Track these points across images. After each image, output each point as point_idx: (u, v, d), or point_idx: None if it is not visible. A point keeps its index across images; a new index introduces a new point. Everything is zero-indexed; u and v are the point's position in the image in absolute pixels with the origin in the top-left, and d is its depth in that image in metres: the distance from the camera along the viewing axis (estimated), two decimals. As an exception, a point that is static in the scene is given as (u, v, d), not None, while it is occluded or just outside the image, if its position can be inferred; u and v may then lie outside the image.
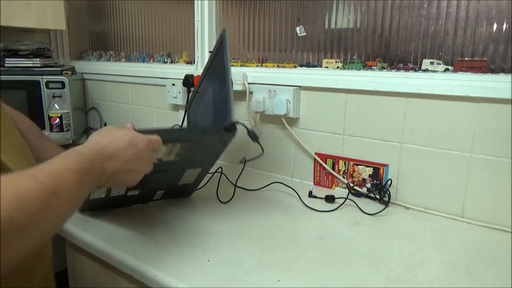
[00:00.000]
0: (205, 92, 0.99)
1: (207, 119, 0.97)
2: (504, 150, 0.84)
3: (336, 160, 1.07)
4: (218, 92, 0.90)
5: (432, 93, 0.90)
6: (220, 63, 0.88)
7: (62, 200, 0.47)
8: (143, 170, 0.64)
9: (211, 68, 0.97)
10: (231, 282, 0.62)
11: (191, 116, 1.10)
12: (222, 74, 0.87)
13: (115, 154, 0.59)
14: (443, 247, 0.76)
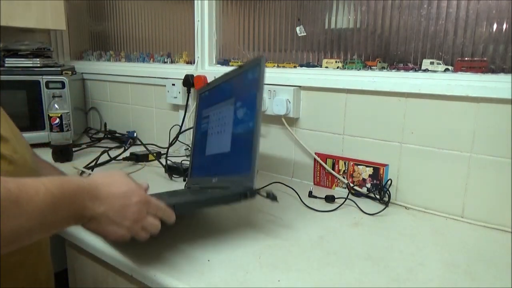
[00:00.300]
0: (222, 111, 0.91)
1: (217, 146, 0.90)
2: (504, 150, 0.84)
3: (336, 160, 1.07)
4: (240, 126, 0.82)
5: (432, 93, 0.90)
6: (249, 92, 0.81)
7: (23, 212, 0.45)
8: (126, 226, 0.58)
9: (236, 87, 0.87)
10: (231, 282, 0.62)
11: (198, 132, 1.01)
12: (249, 108, 0.80)
13: (104, 197, 0.56)
14: (443, 247, 0.76)
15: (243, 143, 0.80)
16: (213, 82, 0.99)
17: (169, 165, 1.16)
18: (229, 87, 0.90)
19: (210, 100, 0.98)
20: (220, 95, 0.93)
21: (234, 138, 0.83)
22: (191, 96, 1.38)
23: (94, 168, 1.19)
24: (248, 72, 0.82)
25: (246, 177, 0.76)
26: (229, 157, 0.84)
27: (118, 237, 0.58)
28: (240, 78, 0.85)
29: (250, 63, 0.82)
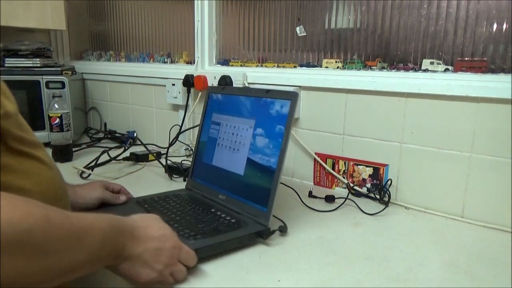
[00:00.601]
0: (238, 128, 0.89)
1: (227, 162, 0.89)
2: (504, 150, 0.84)
3: (336, 160, 1.07)
4: (259, 156, 0.81)
5: (432, 93, 0.90)
6: (273, 124, 0.80)
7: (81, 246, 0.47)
8: (158, 270, 0.58)
9: (259, 110, 0.85)
10: (231, 282, 0.62)
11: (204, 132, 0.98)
12: (271, 142, 0.80)
13: (142, 239, 0.57)
14: (443, 247, 0.76)
15: (260, 175, 0.80)
16: (231, 89, 0.98)
17: (169, 165, 1.16)
18: (250, 105, 0.87)
19: (225, 107, 0.94)
20: (238, 108, 0.90)
21: (250, 165, 0.83)
22: (191, 96, 1.38)
23: (94, 168, 1.19)
24: (277, 101, 0.81)
25: (261, 214, 0.77)
26: (242, 182, 0.84)
27: (148, 280, 0.58)
28: (266, 103, 0.83)
29: (282, 94, 0.80)
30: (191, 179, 1.00)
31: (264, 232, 0.74)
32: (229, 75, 1.24)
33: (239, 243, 0.72)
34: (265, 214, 0.77)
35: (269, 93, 0.83)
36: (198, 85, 1.31)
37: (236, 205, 0.84)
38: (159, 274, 0.58)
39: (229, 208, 0.84)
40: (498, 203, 0.86)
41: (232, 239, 0.71)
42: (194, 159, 1.00)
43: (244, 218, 0.79)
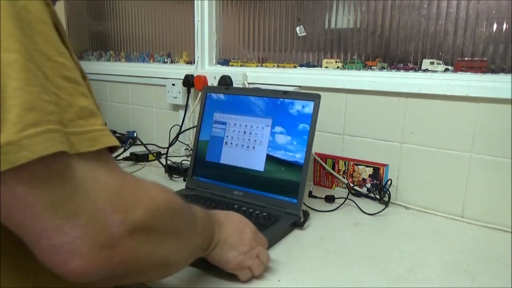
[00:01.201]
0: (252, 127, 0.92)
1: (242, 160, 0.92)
2: (504, 150, 0.84)
3: (336, 160, 1.07)
4: (281, 153, 0.87)
5: (432, 93, 0.90)
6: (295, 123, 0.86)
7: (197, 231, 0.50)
8: (243, 252, 0.60)
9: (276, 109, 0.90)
10: (231, 282, 0.62)
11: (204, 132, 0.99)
12: (295, 139, 0.86)
13: (225, 224, 0.60)
14: (443, 247, 0.76)
15: (285, 170, 0.87)
16: (235, 90, 0.99)
17: (169, 165, 1.17)
18: (264, 105, 0.91)
19: (230, 106, 0.96)
20: (248, 107, 0.93)
21: (272, 161, 0.89)
22: (191, 96, 1.38)
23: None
24: (297, 102, 0.87)
25: (291, 205, 0.84)
26: (263, 177, 0.89)
27: (237, 263, 0.59)
28: (284, 103, 0.89)
29: (303, 95, 0.87)
30: (192, 179, 1.00)
31: (298, 221, 0.81)
32: (229, 75, 1.24)
33: (283, 235, 0.77)
34: (296, 205, 0.84)
35: (287, 94, 0.89)
36: (198, 85, 1.31)
37: (258, 200, 0.88)
38: (245, 257, 0.60)
39: (251, 203, 0.88)
40: (498, 203, 0.86)
41: (280, 231, 0.76)
42: (194, 158, 1.00)
43: (271, 211, 0.84)
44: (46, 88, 0.33)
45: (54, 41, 0.35)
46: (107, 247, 0.34)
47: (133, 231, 0.36)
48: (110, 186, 0.36)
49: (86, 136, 0.35)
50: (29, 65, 0.31)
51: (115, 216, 0.35)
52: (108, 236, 0.34)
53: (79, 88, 0.36)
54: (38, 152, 0.30)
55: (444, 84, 0.89)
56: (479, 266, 0.69)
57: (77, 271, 0.33)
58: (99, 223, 0.34)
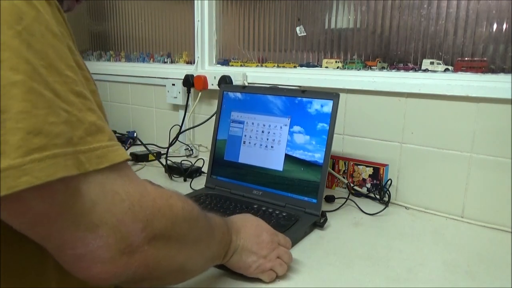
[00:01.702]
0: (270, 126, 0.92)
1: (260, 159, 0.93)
2: (504, 150, 0.84)
3: (336, 160, 1.07)
4: (300, 153, 0.87)
5: (432, 93, 0.90)
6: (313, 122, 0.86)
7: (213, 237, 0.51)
8: (263, 255, 0.60)
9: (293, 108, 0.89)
10: (231, 282, 0.62)
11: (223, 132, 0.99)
12: (313, 138, 0.86)
13: (242, 230, 0.60)
14: (443, 247, 0.76)
15: (304, 170, 0.87)
16: (252, 88, 0.99)
17: (169, 165, 1.17)
18: (282, 104, 0.91)
19: (247, 105, 0.96)
20: (266, 107, 0.94)
21: (290, 161, 0.89)
22: (191, 96, 1.38)
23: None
24: (315, 101, 0.87)
25: (311, 205, 0.85)
26: (282, 177, 0.90)
27: (257, 267, 0.60)
28: (301, 102, 0.88)
29: (322, 94, 0.86)
30: (212, 178, 1.00)
31: (318, 221, 0.81)
32: (229, 75, 1.24)
33: (304, 235, 0.78)
34: (316, 205, 0.84)
35: (305, 93, 0.88)
36: (198, 85, 1.31)
37: (277, 199, 0.88)
38: (265, 260, 0.60)
39: (270, 202, 0.88)
40: (498, 203, 0.86)
41: (301, 231, 0.77)
42: (213, 158, 1.00)
43: (291, 210, 0.84)
44: (54, 107, 0.32)
45: (64, 55, 0.35)
46: (128, 254, 0.36)
47: (153, 238, 0.38)
48: (130, 197, 0.37)
49: (94, 154, 0.35)
50: (35, 86, 0.30)
51: (136, 225, 0.36)
52: (129, 244, 0.36)
53: (87, 103, 0.36)
54: (42, 178, 0.30)
55: (444, 84, 0.89)
56: (479, 266, 0.69)
57: (99, 277, 0.35)
58: (120, 233, 0.35)
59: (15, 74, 0.29)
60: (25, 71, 0.30)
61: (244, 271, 0.60)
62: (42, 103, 0.30)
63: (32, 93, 0.30)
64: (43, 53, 0.32)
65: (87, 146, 0.34)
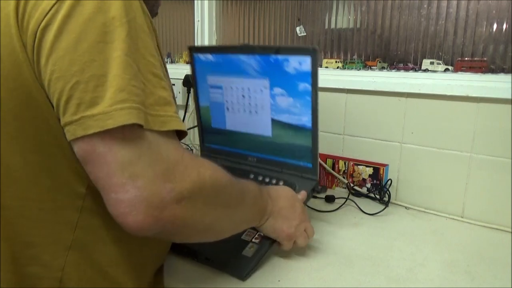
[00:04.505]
0: (249, 90, 0.85)
1: (248, 125, 0.88)
2: (504, 150, 0.84)
3: (336, 160, 1.07)
4: (287, 116, 0.81)
5: (432, 93, 0.90)
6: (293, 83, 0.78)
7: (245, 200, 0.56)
8: (295, 225, 0.66)
9: (269, 69, 0.81)
10: (231, 282, 0.62)
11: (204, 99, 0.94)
12: (298, 101, 0.78)
13: (278, 198, 0.65)
14: (443, 247, 0.76)
15: (293, 135, 0.81)
16: (221, 49, 0.90)
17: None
18: (257, 64, 0.82)
19: (221, 68, 0.88)
20: (240, 68, 0.84)
21: (278, 125, 0.83)
22: (191, 96, 1.38)
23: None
24: (292, 58, 0.76)
25: (307, 170, 0.81)
26: (272, 143, 0.85)
27: (289, 233, 0.65)
28: (277, 61, 0.78)
29: (297, 50, 0.76)
30: (205, 146, 0.98)
31: (316, 187, 0.80)
32: (229, 75, 1.23)
33: (306, 202, 0.76)
34: (312, 169, 0.80)
35: (280, 50, 0.78)
36: (198, 85, 1.31)
37: (273, 165, 0.85)
38: (295, 229, 0.66)
39: (266, 168, 0.86)
40: (498, 203, 0.86)
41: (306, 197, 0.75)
42: (201, 126, 0.97)
43: (288, 177, 0.82)
44: (137, 77, 0.42)
45: (149, 46, 0.45)
46: (158, 209, 0.40)
47: (181, 199, 0.42)
48: (168, 160, 0.42)
49: (160, 119, 0.43)
50: (127, 59, 0.41)
51: (167, 185, 0.41)
52: (160, 200, 0.41)
53: (161, 83, 0.45)
54: (120, 122, 0.39)
55: (444, 84, 0.89)
56: (479, 266, 0.69)
57: (133, 225, 0.40)
58: (154, 188, 0.40)
59: (116, 51, 0.41)
60: (123, 49, 0.41)
61: (276, 234, 0.65)
62: (129, 71, 0.41)
63: (124, 63, 0.41)
64: (135, 41, 0.43)
65: (155, 112, 0.43)
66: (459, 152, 0.90)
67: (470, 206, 0.89)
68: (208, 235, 0.52)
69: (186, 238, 0.51)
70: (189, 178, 0.43)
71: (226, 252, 0.67)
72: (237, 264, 0.65)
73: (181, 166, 0.43)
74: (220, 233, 0.54)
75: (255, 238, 0.69)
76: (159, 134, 0.43)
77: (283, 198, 0.66)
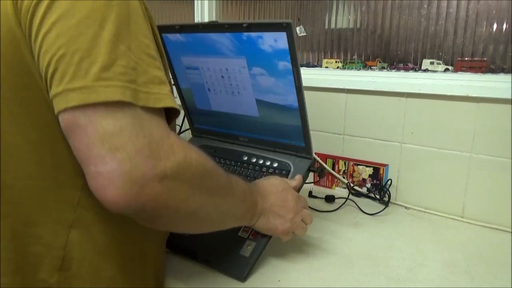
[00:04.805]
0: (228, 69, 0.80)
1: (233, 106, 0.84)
2: (504, 150, 0.84)
3: (336, 160, 1.07)
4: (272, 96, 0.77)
5: (432, 93, 0.90)
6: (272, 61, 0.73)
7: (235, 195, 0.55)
8: (289, 218, 0.64)
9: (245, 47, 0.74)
10: (231, 282, 0.62)
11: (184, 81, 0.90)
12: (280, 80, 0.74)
13: (268, 194, 0.63)
14: (443, 247, 0.76)
15: (281, 115, 0.78)
16: (188, 27, 0.82)
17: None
18: (229, 43, 0.76)
19: (194, 48, 0.82)
20: (213, 47, 0.79)
21: (263, 106, 0.80)
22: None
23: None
24: (266, 35, 0.70)
25: (301, 149, 0.78)
26: (261, 123, 0.82)
27: (284, 230, 0.64)
28: (250, 38, 0.73)
29: (268, 26, 0.70)
30: (195, 127, 0.96)
31: (312, 166, 0.77)
32: (229, 75, 1.23)
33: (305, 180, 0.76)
34: (305, 148, 0.78)
35: (250, 27, 0.71)
36: (198, 85, 1.31)
37: (265, 144, 0.83)
38: (291, 223, 0.64)
39: (259, 148, 0.84)
40: (498, 203, 0.86)
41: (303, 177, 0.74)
42: (186, 107, 0.95)
43: (282, 157, 0.80)
44: (127, 56, 0.42)
45: (142, 28, 0.45)
46: (138, 185, 0.40)
47: (163, 177, 0.41)
48: (152, 136, 0.42)
49: (153, 96, 0.43)
50: (115, 38, 0.42)
51: (149, 161, 0.40)
52: (140, 175, 0.40)
53: (156, 63, 0.45)
54: (103, 98, 0.39)
55: (444, 84, 0.89)
56: (479, 266, 0.69)
57: (111, 200, 0.39)
58: (134, 162, 0.40)
59: (106, 32, 0.41)
60: (111, 30, 0.42)
61: (272, 232, 0.64)
62: (114, 51, 0.41)
63: (111, 43, 0.41)
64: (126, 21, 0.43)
65: (148, 89, 0.43)
66: (459, 152, 0.90)
67: (470, 206, 0.89)
68: (193, 224, 0.51)
69: (169, 224, 0.48)
70: (174, 157, 0.43)
71: (224, 252, 0.67)
72: (235, 265, 0.65)
73: (166, 144, 0.43)
74: (206, 223, 0.53)
75: (252, 235, 0.68)
76: (147, 111, 0.42)
77: (273, 194, 0.64)
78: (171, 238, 0.68)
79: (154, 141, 0.41)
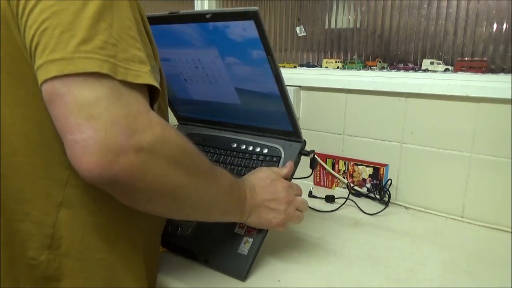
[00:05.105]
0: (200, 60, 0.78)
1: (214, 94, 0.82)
2: (504, 150, 0.84)
3: (336, 160, 1.07)
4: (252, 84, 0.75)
5: (432, 93, 0.90)
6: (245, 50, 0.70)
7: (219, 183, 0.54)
8: (283, 210, 0.63)
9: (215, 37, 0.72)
10: (230, 282, 0.62)
11: None
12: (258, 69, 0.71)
13: (256, 188, 0.62)
14: (443, 247, 0.76)
15: (263, 102, 0.76)
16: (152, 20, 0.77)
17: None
18: (197, 34, 0.74)
19: (161, 40, 0.78)
20: (180, 39, 0.77)
21: (243, 94, 0.78)
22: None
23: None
24: (233, 25, 0.68)
25: (290, 133, 0.77)
26: (244, 109, 0.81)
27: (279, 222, 0.63)
28: (217, 28, 0.70)
29: (231, 15, 0.67)
30: (179, 115, 0.94)
31: (303, 149, 0.76)
32: (229, 75, 1.23)
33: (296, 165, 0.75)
34: (294, 132, 0.77)
35: (214, 17, 0.69)
36: (198, 85, 1.30)
37: (253, 130, 0.81)
38: (285, 214, 0.63)
39: (248, 133, 0.82)
40: (498, 203, 0.86)
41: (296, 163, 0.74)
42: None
43: (272, 141, 0.78)
44: (104, 33, 0.43)
45: (126, 12, 0.46)
46: (113, 153, 0.40)
47: (139, 150, 0.41)
48: (130, 108, 0.42)
49: (132, 73, 0.43)
50: (96, 17, 0.42)
51: (125, 131, 0.41)
52: (115, 145, 0.40)
53: (137, 44, 0.46)
54: (81, 69, 0.40)
55: (444, 84, 0.89)
56: (479, 266, 0.69)
57: (86, 167, 0.40)
58: (110, 131, 0.40)
59: (87, 6, 0.42)
60: (94, 7, 0.42)
61: (266, 226, 0.64)
62: (95, 28, 0.42)
63: (92, 19, 0.42)
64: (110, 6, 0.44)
65: (127, 66, 0.43)
66: (459, 152, 0.90)
67: (470, 206, 0.90)
68: (172, 205, 0.50)
69: (147, 203, 0.47)
70: (152, 131, 0.43)
71: (222, 251, 0.67)
72: (235, 264, 0.65)
73: (144, 118, 0.43)
74: (186, 207, 0.52)
75: (248, 231, 0.68)
76: (125, 85, 0.43)
77: (261, 188, 0.63)
78: (171, 238, 0.68)
79: (131, 113, 0.42)
